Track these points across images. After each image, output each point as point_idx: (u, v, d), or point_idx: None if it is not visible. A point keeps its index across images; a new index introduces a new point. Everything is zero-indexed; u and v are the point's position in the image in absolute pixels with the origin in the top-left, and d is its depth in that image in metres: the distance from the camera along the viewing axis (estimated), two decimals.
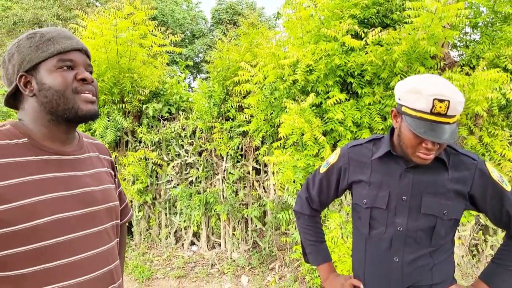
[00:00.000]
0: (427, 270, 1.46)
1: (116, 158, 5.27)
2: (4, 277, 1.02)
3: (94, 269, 1.15)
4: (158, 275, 4.70)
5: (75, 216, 1.12)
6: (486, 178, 1.43)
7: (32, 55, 1.12)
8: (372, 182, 1.52)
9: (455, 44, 4.47)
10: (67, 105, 1.13)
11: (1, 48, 16.43)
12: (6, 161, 1.05)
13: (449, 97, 1.26)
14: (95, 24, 4.77)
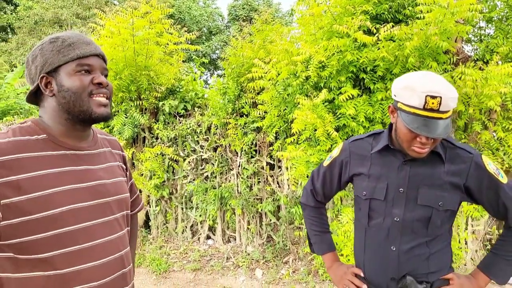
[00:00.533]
0: (424, 259, 1.51)
1: (134, 154, 5.41)
2: (28, 260, 1.13)
3: (106, 255, 1.26)
4: (175, 267, 4.82)
5: (88, 206, 1.23)
6: (481, 170, 1.48)
7: (53, 58, 1.21)
8: (371, 174, 1.58)
9: (469, 38, 4.45)
10: (82, 107, 1.23)
11: (23, 47, 16.82)
12: (27, 155, 1.15)
13: (441, 93, 1.32)
14: (113, 23, 4.89)
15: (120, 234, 1.34)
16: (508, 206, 1.49)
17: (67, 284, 1.16)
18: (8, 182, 1.10)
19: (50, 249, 1.14)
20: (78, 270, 1.18)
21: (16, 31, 18.41)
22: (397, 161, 1.55)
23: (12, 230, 1.11)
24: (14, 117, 7.29)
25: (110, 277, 1.26)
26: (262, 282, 4.38)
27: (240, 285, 4.38)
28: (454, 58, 3.81)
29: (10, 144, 1.15)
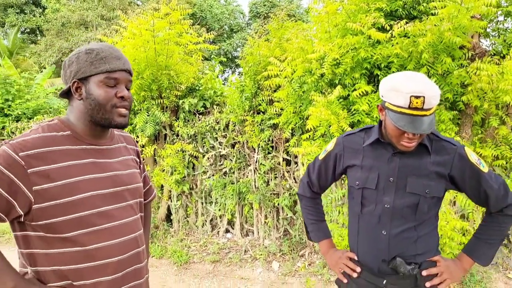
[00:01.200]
0: (412, 242, 1.61)
1: (156, 150, 5.60)
2: (56, 238, 1.32)
3: (122, 235, 1.44)
4: (195, 259, 4.99)
5: (106, 193, 1.41)
6: (464, 161, 1.59)
7: (86, 68, 1.38)
8: (364, 166, 1.70)
9: (487, 33, 4.44)
10: (104, 116, 1.41)
11: (51, 49, 17.35)
12: (54, 149, 1.34)
13: (423, 93, 1.43)
14: (135, 25, 5.08)
15: (134, 218, 1.52)
16: (489, 193, 1.60)
17: (90, 259, 1.35)
18: (39, 171, 1.28)
19: (74, 229, 1.33)
20: (99, 247, 1.36)
21: (45, 33, 19.02)
22: (387, 153, 1.66)
23: (42, 212, 1.29)
24: (44, 116, 7.61)
25: (126, 254, 1.44)
26: (278, 274, 4.49)
27: (257, 277, 4.50)
28: (470, 54, 3.82)
29: (40, 139, 1.33)
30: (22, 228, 1.34)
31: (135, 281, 1.49)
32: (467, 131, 3.95)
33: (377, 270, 1.66)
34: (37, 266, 1.35)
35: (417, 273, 1.61)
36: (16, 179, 1.25)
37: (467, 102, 3.76)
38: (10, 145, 1.28)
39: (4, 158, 1.25)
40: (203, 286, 4.42)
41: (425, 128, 1.47)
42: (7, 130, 7.63)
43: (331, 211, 4.36)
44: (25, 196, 1.26)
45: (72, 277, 1.34)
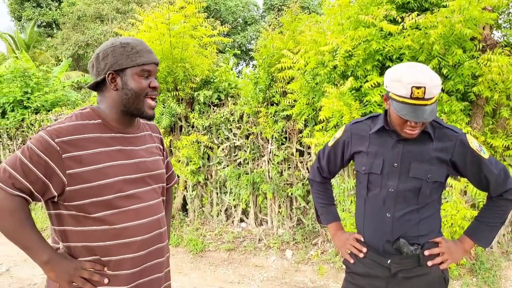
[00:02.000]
0: (414, 223, 1.71)
1: (171, 141, 5.74)
2: (86, 217, 1.46)
3: (147, 216, 1.56)
4: (210, 248, 5.14)
5: (132, 178, 1.54)
6: (465, 147, 1.68)
7: (123, 61, 1.49)
8: (369, 152, 1.79)
9: (499, 24, 4.45)
10: (137, 105, 1.54)
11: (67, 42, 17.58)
12: (87, 136, 1.47)
13: (425, 83, 1.51)
14: (150, 19, 5.20)
15: (157, 201, 1.64)
16: (489, 178, 1.68)
17: (117, 237, 1.48)
18: (73, 156, 1.41)
19: (103, 210, 1.46)
20: (125, 226, 1.49)
21: (61, 27, 19.27)
22: (391, 140, 1.75)
23: (74, 194, 1.42)
24: (62, 108, 7.80)
25: (150, 234, 1.56)
26: (291, 262, 4.62)
27: (271, 264, 4.63)
28: (481, 45, 3.85)
29: (74, 127, 1.46)
30: (56, 207, 1.48)
31: (157, 259, 1.62)
32: (478, 121, 3.99)
33: (382, 250, 1.75)
34: (68, 242, 1.48)
35: (419, 253, 1.69)
36: (52, 162, 1.38)
37: (478, 93, 3.80)
38: (47, 131, 1.41)
39: (41, 143, 1.39)
40: (218, 273, 4.56)
41: (426, 116, 1.56)
42: (26, 122, 7.84)
43: (343, 200, 4.46)
44: (59, 179, 1.40)
45: (100, 253, 1.47)
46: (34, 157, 1.37)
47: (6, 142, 8.15)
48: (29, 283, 4.44)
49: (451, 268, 3.94)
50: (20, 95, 8.06)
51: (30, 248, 1.41)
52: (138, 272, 1.54)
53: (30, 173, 1.37)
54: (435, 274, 1.73)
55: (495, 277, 3.89)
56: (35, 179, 1.37)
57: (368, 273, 1.79)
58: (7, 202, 1.36)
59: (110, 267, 1.48)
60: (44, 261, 1.41)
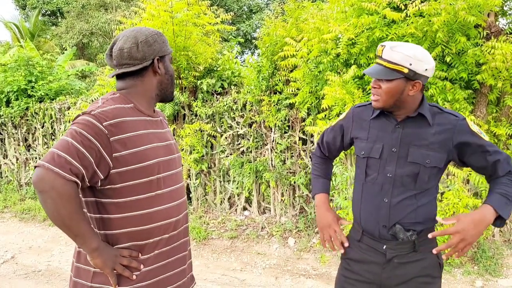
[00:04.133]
0: (411, 210, 1.70)
1: (175, 130, 5.75)
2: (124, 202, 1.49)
3: (179, 197, 1.65)
4: (213, 236, 5.18)
5: (166, 160, 1.60)
6: (466, 130, 1.67)
7: (164, 48, 1.60)
8: (369, 137, 1.80)
9: (504, 11, 4.40)
10: (171, 89, 1.68)
11: (72, 31, 17.56)
12: (127, 119, 1.50)
13: (388, 44, 1.61)
14: (153, 7, 5.18)
15: (183, 182, 1.74)
16: (498, 157, 1.66)
17: (155, 219, 1.53)
18: (119, 139, 1.44)
19: (142, 192, 1.50)
20: (161, 209, 1.55)
21: (65, 15, 19.24)
22: (391, 125, 1.75)
23: (118, 176, 1.46)
24: (66, 97, 7.82)
25: (181, 215, 1.65)
26: (294, 249, 4.65)
27: (273, 252, 4.67)
28: (485, 32, 3.81)
29: (117, 110, 1.49)
30: (94, 194, 1.49)
31: (185, 238, 1.71)
32: (481, 110, 3.97)
33: (378, 236, 1.75)
34: (105, 230, 1.50)
35: (415, 239, 1.69)
36: (101, 147, 1.40)
37: (481, 81, 3.78)
38: (92, 115, 1.42)
39: (91, 128, 1.40)
40: (221, 261, 4.60)
41: (371, 71, 1.66)
42: (30, 110, 7.88)
43: (346, 188, 4.46)
44: (106, 162, 1.42)
45: (138, 238, 1.51)
46: (86, 141, 1.38)
47: (10, 131, 8.20)
48: (33, 269, 4.50)
49: (452, 256, 3.95)
50: (24, 83, 8.07)
51: (82, 235, 1.41)
52: (170, 250, 1.61)
53: (84, 158, 1.37)
54: (430, 260, 1.73)
55: (496, 265, 3.90)
56: (88, 163, 1.38)
57: (364, 258, 1.80)
58: (66, 188, 1.34)
59: (145, 249, 1.53)
60: (93, 248, 1.42)
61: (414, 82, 1.62)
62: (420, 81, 1.62)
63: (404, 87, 1.63)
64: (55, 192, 1.32)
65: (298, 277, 4.07)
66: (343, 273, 1.89)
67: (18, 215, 6.55)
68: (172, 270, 1.63)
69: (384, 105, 1.68)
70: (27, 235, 5.63)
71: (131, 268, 1.50)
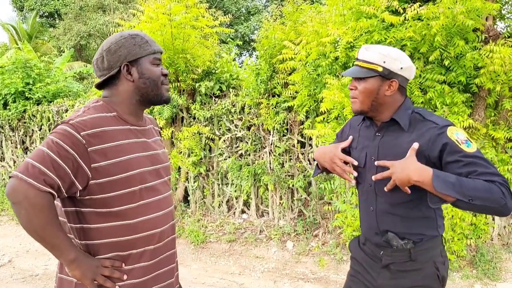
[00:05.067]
0: (400, 219, 1.67)
1: (173, 133, 5.74)
2: (106, 213, 1.45)
3: (164, 207, 1.59)
4: (212, 239, 5.16)
5: (150, 170, 1.55)
6: (444, 140, 1.52)
7: (136, 51, 1.52)
8: (357, 145, 1.81)
9: (503, 15, 4.40)
10: (156, 92, 1.57)
11: (70, 33, 17.53)
12: (107, 129, 1.46)
13: (364, 46, 1.63)
14: (151, 9, 5.17)
15: (170, 193, 1.68)
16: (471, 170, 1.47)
17: (139, 230, 1.49)
18: (97, 149, 1.41)
19: (124, 203, 1.46)
20: (146, 219, 1.50)
21: (63, 17, 19.21)
22: (372, 132, 1.75)
23: (98, 188, 1.42)
24: (63, 99, 7.80)
25: (167, 225, 1.60)
26: (292, 253, 4.64)
27: (272, 256, 4.66)
28: (483, 36, 3.82)
29: (96, 119, 1.45)
30: (74, 204, 1.45)
31: (172, 249, 1.66)
32: (480, 113, 3.97)
33: (375, 242, 1.75)
34: (86, 240, 1.46)
35: (411, 247, 1.64)
36: (78, 157, 1.37)
37: (480, 84, 3.78)
38: (70, 125, 1.39)
39: (67, 138, 1.36)
40: (219, 264, 4.59)
41: (348, 72, 1.68)
42: (28, 113, 7.85)
43: (344, 192, 4.46)
44: (84, 173, 1.38)
45: (120, 248, 1.47)
46: (62, 151, 1.35)
47: (8, 133, 8.17)
48: (31, 273, 4.48)
49: (451, 260, 3.95)
50: (21, 86, 8.05)
51: (58, 247, 1.38)
52: (156, 263, 1.56)
53: (59, 168, 1.34)
54: (428, 270, 1.66)
55: (495, 269, 3.90)
56: (64, 174, 1.35)
57: (365, 261, 1.80)
58: (39, 199, 1.31)
59: (129, 260, 1.49)
60: (70, 260, 1.39)
61: (390, 81, 1.61)
62: (396, 80, 1.60)
63: (379, 87, 1.62)
64: (28, 203, 1.31)
65: (296, 281, 4.06)
66: (350, 271, 1.91)
67: (15, 219, 6.51)
68: (159, 283, 1.58)
69: (362, 107, 1.66)
70: (24, 239, 5.61)
71: (114, 279, 1.46)
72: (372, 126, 1.75)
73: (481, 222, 4.02)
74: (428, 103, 3.98)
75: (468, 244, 4.05)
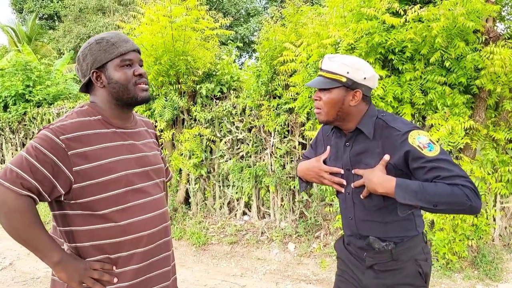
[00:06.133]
0: (378, 225, 1.69)
1: (174, 135, 5.75)
2: (93, 215, 1.45)
3: (152, 210, 1.58)
4: (213, 241, 5.17)
5: (136, 172, 1.55)
6: (406, 147, 1.55)
7: (101, 56, 1.49)
8: (331, 156, 1.80)
9: (503, 17, 4.42)
10: (129, 95, 1.53)
11: (69, 35, 17.54)
12: (91, 132, 1.47)
13: (327, 56, 1.63)
14: (152, 11, 5.18)
15: (161, 195, 1.66)
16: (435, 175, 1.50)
17: (126, 233, 1.48)
18: (78, 153, 1.42)
19: (111, 205, 1.46)
20: (133, 221, 1.50)
21: (62, 19, 19.23)
22: (342, 142, 1.76)
23: (81, 191, 1.42)
24: (64, 102, 7.81)
25: (157, 228, 1.58)
26: (294, 254, 4.64)
27: (273, 257, 4.66)
28: (483, 38, 3.83)
29: (77, 123, 1.46)
30: (61, 207, 1.47)
31: (165, 252, 1.64)
32: (480, 114, 3.98)
33: (357, 245, 1.76)
34: (75, 243, 1.48)
35: (392, 248, 1.66)
36: (58, 161, 1.38)
37: (480, 86, 3.79)
38: (50, 129, 1.41)
39: (46, 142, 1.38)
40: (221, 266, 4.59)
41: (312, 82, 1.67)
42: (28, 115, 7.86)
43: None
44: (66, 176, 1.40)
45: (109, 251, 1.48)
46: (41, 155, 1.36)
47: (8, 136, 8.18)
48: (32, 276, 4.48)
49: (452, 261, 3.96)
50: (22, 88, 8.07)
51: (41, 249, 1.40)
52: (147, 265, 1.55)
53: (37, 172, 1.36)
54: (410, 268, 1.68)
55: (496, 270, 3.90)
56: (43, 178, 1.36)
57: (350, 261, 1.82)
58: (18, 203, 1.34)
59: (119, 263, 1.49)
60: (55, 262, 1.41)
61: (354, 91, 1.62)
62: (360, 90, 1.61)
63: (344, 97, 1.62)
64: (7, 206, 1.33)
65: (298, 283, 4.06)
66: (337, 272, 1.93)
67: None
68: (152, 286, 1.58)
69: (327, 118, 1.67)
70: None
71: (103, 282, 1.46)
72: (341, 136, 1.76)
73: (482, 223, 4.03)
74: (429, 104, 3.99)
75: (470, 245, 4.05)
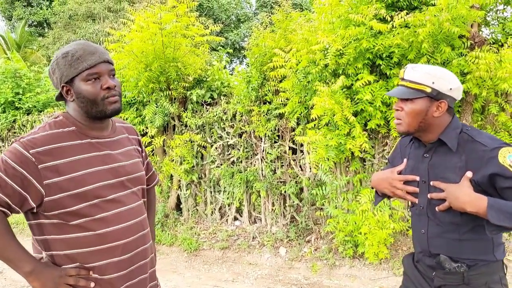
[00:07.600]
0: (453, 243, 1.61)
1: (165, 141, 5.75)
2: (69, 225, 1.47)
3: (129, 219, 1.58)
4: (205, 246, 5.17)
5: (111, 183, 1.55)
6: (495, 164, 1.47)
7: (68, 71, 1.47)
8: (407, 167, 1.75)
9: (488, 22, 4.51)
10: (97, 109, 1.51)
11: (59, 42, 17.46)
12: (62, 145, 1.48)
13: (409, 66, 1.60)
14: (142, 18, 5.20)
15: (138, 203, 1.66)
16: None
17: (100, 242, 1.50)
18: (49, 166, 1.42)
19: (84, 216, 1.47)
20: (108, 231, 1.51)
21: (52, 26, 19.15)
22: (420, 153, 1.71)
23: (53, 204, 1.44)
24: (54, 109, 7.77)
25: (133, 237, 1.59)
26: (285, 259, 4.66)
27: (265, 262, 4.67)
28: (469, 43, 3.90)
29: (48, 136, 1.46)
30: (36, 217, 1.48)
31: (142, 260, 1.64)
32: (467, 118, 4.05)
33: (427, 263, 1.72)
34: (51, 251, 1.49)
35: (464, 271, 1.58)
36: (28, 174, 1.39)
37: (466, 90, 3.86)
38: (20, 143, 1.41)
39: (16, 156, 1.39)
40: (212, 272, 4.59)
41: (394, 92, 1.62)
42: (18, 123, 7.81)
43: (336, 197, 4.51)
44: (37, 190, 1.40)
45: (84, 260, 1.48)
46: (10, 170, 1.37)
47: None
48: (22, 285, 4.44)
49: None
50: (11, 96, 8.01)
51: (12, 260, 1.42)
52: (126, 274, 1.56)
53: (6, 186, 1.37)
54: None
55: None
56: (12, 192, 1.38)
57: (417, 280, 1.77)
58: None
59: (95, 272, 1.50)
60: (27, 272, 1.43)
61: (438, 102, 1.55)
62: (445, 101, 1.55)
63: (428, 108, 1.56)
64: None
65: (290, 287, 4.08)
66: (401, 287, 1.89)
67: None
68: None
69: (408, 129, 1.61)
70: None
71: (80, 287, 1.47)
72: (420, 147, 1.72)
73: None
74: None
75: None
